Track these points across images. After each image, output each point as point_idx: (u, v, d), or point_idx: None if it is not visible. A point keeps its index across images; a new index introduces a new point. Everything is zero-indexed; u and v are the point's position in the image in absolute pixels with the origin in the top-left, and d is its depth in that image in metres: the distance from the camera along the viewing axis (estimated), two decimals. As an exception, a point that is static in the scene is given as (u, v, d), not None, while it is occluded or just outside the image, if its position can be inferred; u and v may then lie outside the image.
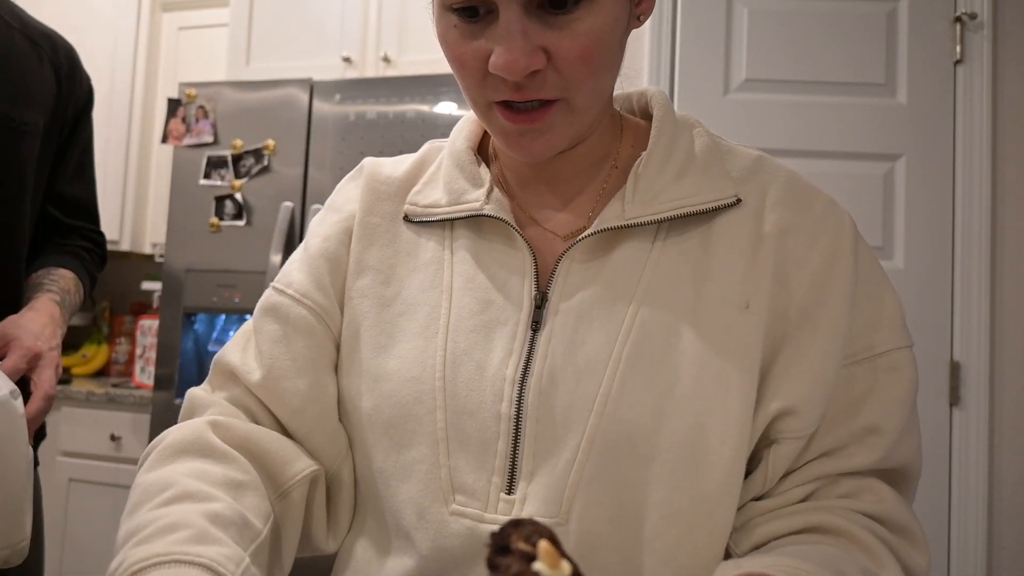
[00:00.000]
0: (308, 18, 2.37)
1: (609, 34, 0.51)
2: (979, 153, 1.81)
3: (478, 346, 0.55)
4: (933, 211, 1.83)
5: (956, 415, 1.78)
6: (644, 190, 0.55)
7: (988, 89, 1.81)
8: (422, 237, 0.61)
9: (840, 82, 1.88)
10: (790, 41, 1.91)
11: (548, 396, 0.53)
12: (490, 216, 0.57)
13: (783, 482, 0.55)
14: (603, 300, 0.55)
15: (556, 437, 0.52)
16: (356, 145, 2.01)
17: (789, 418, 0.53)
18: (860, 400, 0.55)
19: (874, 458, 0.54)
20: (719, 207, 0.56)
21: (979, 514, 1.74)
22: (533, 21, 0.49)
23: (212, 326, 2.20)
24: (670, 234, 0.56)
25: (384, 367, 0.57)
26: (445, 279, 0.58)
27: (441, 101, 1.95)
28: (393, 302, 0.59)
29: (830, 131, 1.88)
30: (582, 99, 0.53)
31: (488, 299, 0.56)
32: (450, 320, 0.57)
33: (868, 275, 0.57)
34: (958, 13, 1.84)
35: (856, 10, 1.89)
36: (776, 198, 0.57)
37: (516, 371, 0.54)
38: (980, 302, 1.78)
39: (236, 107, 2.13)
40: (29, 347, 0.89)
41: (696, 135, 0.60)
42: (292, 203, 2.03)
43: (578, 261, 0.56)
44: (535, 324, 0.55)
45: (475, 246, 0.59)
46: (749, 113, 1.89)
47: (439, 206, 0.60)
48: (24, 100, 0.98)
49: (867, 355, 0.55)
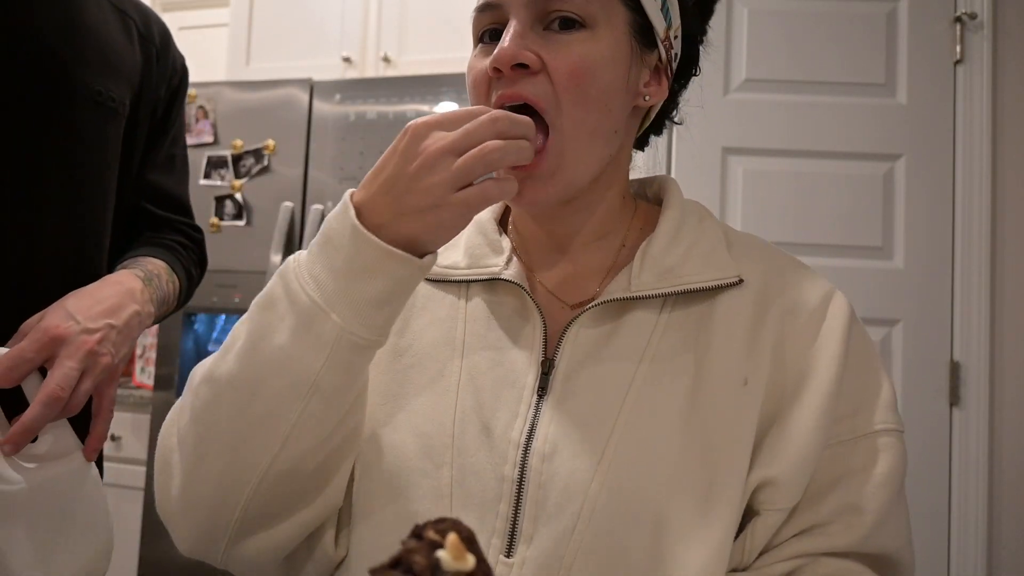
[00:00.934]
0: (308, 18, 2.37)
1: (603, 67, 0.55)
2: (979, 153, 1.81)
3: (487, 406, 0.57)
4: (933, 211, 1.83)
5: (956, 415, 1.78)
6: (650, 267, 0.59)
7: (988, 89, 1.81)
8: (438, 293, 0.63)
9: (840, 82, 1.88)
10: (790, 41, 1.91)
11: (550, 462, 0.54)
12: (507, 280, 0.60)
13: (764, 557, 0.55)
14: (608, 369, 0.57)
15: (556, 503, 0.53)
16: (356, 145, 2.01)
17: (771, 489, 0.54)
18: (843, 479, 0.56)
19: (854, 538, 0.55)
20: (722, 285, 0.58)
21: (979, 514, 1.74)
22: (536, 34, 0.55)
23: (212, 326, 2.20)
24: (675, 308, 0.59)
25: (393, 417, 0.59)
26: (458, 336, 0.60)
27: (441, 101, 1.95)
28: (405, 353, 0.61)
29: (830, 131, 1.88)
30: (570, 126, 0.55)
31: (498, 360, 0.59)
32: (461, 379, 0.58)
33: (862, 360, 0.59)
34: (958, 13, 1.84)
35: (856, 10, 1.89)
36: (778, 282, 0.60)
37: (521, 435, 0.55)
38: (980, 302, 1.78)
39: (236, 107, 2.13)
40: (46, 329, 0.67)
41: (703, 219, 0.64)
42: (292, 203, 2.03)
43: (586, 327, 0.58)
44: (541, 390, 0.57)
45: (488, 307, 0.61)
46: (749, 113, 1.89)
47: (458, 268, 0.63)
48: (112, 74, 0.86)
49: (852, 436, 0.57)
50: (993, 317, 1.78)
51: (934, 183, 1.84)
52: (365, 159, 2.00)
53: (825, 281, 0.62)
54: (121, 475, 2.24)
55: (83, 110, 0.83)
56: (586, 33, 0.55)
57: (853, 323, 0.59)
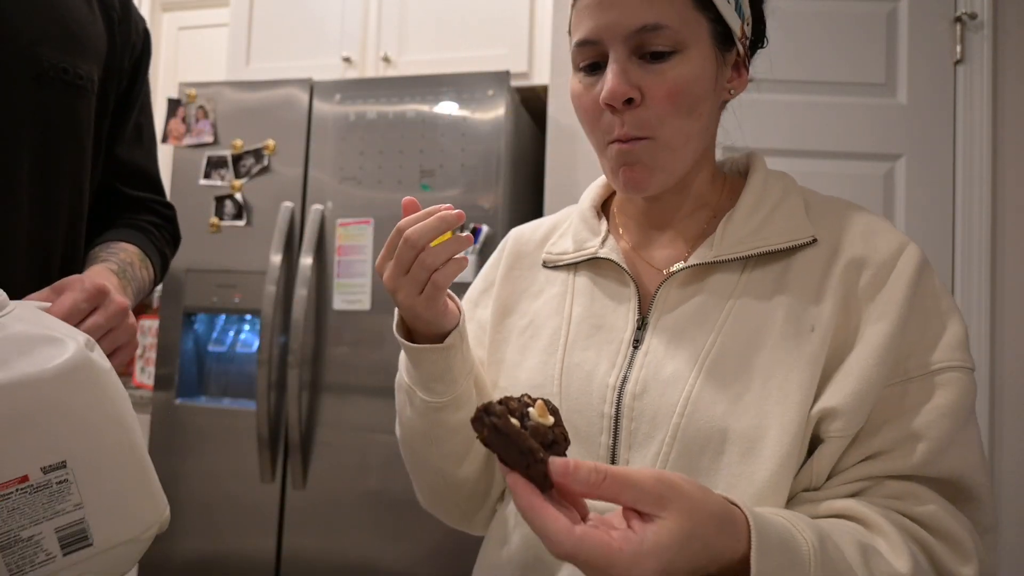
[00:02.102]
0: (308, 18, 2.37)
1: (694, 83, 0.64)
2: (979, 153, 1.81)
3: (589, 360, 0.69)
4: (933, 211, 1.83)
5: (956, 415, 1.78)
6: (731, 233, 0.68)
7: (988, 89, 1.81)
8: (553, 275, 0.78)
9: (840, 82, 1.88)
10: (790, 41, 1.91)
11: (641, 400, 0.65)
12: (604, 258, 0.73)
13: (831, 480, 0.62)
14: (693, 321, 0.66)
15: (647, 434, 0.64)
16: (356, 145, 2.01)
17: (833, 418, 0.60)
18: (908, 411, 0.60)
19: (915, 462, 0.59)
20: (796, 246, 0.66)
21: (979, 514, 1.73)
22: (634, 66, 0.64)
23: (212, 326, 2.20)
24: (755, 269, 0.67)
25: (517, 377, 0.74)
26: (566, 309, 0.74)
27: (441, 101, 1.95)
28: (528, 328, 0.76)
29: (830, 131, 1.88)
30: (669, 135, 0.65)
31: (599, 324, 0.71)
32: (567, 341, 0.72)
33: (931, 302, 0.64)
34: (958, 13, 1.84)
35: (856, 10, 1.89)
36: (851, 238, 0.66)
37: (617, 380, 0.67)
38: (980, 302, 1.78)
39: (236, 107, 2.13)
40: (95, 283, 0.70)
41: (786, 188, 0.71)
42: (292, 203, 2.03)
43: (675, 289, 0.69)
44: (635, 343, 0.68)
45: (592, 283, 0.74)
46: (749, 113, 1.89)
47: (567, 253, 0.77)
48: (78, 49, 0.83)
49: (920, 373, 0.61)
50: (993, 317, 1.78)
51: (934, 183, 1.84)
52: (365, 159, 2.00)
53: (900, 235, 0.66)
54: (121, 475, 2.24)
55: (50, 90, 0.80)
56: (677, 58, 0.64)
57: (923, 270, 0.64)
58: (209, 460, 2.03)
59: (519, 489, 0.45)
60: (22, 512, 0.55)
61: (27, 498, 0.55)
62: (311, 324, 1.98)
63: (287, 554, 1.95)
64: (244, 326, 2.20)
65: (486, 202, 1.90)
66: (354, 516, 1.91)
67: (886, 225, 0.68)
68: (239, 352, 2.17)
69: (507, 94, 1.91)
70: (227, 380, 2.16)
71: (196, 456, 2.04)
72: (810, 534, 0.51)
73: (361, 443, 1.92)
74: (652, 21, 0.62)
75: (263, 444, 1.96)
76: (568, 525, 0.44)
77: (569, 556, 0.44)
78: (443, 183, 1.94)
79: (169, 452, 2.05)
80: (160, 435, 2.07)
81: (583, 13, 0.66)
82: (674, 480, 0.47)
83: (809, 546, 0.50)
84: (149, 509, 0.63)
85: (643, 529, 0.45)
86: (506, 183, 1.91)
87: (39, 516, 0.56)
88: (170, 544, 2.03)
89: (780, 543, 0.49)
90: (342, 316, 1.97)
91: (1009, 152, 1.81)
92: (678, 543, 0.44)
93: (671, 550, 0.44)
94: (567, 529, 0.44)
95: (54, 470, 0.56)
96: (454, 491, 0.78)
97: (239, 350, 2.17)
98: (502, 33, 2.17)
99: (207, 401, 2.11)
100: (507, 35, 2.17)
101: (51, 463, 0.56)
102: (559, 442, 0.48)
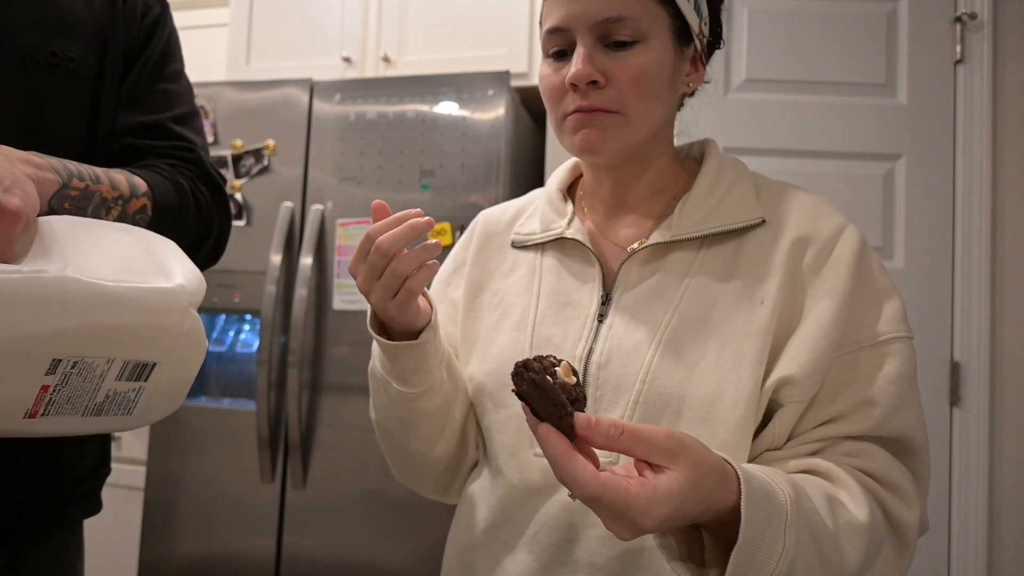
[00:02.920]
0: (308, 18, 2.37)
1: (656, 70, 0.70)
2: (979, 153, 1.81)
3: (557, 335, 0.74)
4: (933, 211, 1.83)
5: (956, 415, 1.78)
6: (688, 215, 0.73)
7: (988, 89, 1.81)
8: (523, 255, 0.82)
9: (840, 82, 1.88)
10: (790, 41, 1.91)
11: (605, 369, 0.70)
12: (570, 238, 0.77)
13: (792, 441, 0.68)
14: (653, 297, 0.71)
15: (611, 400, 0.69)
16: (356, 145, 2.01)
17: (790, 386, 0.66)
18: (860, 379, 0.67)
19: (869, 424, 0.66)
20: (747, 226, 0.72)
21: (979, 514, 1.74)
22: (599, 52, 0.69)
23: (212, 326, 2.20)
24: (710, 248, 0.73)
25: (490, 352, 0.78)
26: (535, 286, 0.78)
27: (441, 101, 1.95)
28: (499, 306, 0.80)
29: (830, 131, 1.88)
30: (635, 114, 0.70)
31: (566, 301, 0.76)
32: (536, 317, 0.76)
33: (874, 280, 0.70)
34: (958, 13, 1.84)
35: (856, 10, 1.89)
36: (797, 218, 0.72)
37: (583, 351, 0.72)
38: (980, 302, 1.78)
39: (236, 107, 2.12)
40: None
41: (738, 172, 0.77)
42: (292, 203, 2.03)
43: (636, 266, 0.74)
44: (600, 317, 0.73)
45: (559, 263, 0.79)
46: (749, 113, 1.89)
47: (535, 233, 0.82)
48: (68, 32, 0.81)
49: (859, 346, 0.67)
50: (993, 317, 1.78)
51: (934, 183, 1.84)
52: (365, 159, 2.00)
53: (840, 216, 0.73)
54: (121, 475, 2.24)
55: (37, 74, 0.78)
56: (639, 47, 0.69)
57: (863, 249, 0.70)
58: (209, 460, 2.03)
59: (551, 438, 0.51)
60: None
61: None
62: (311, 324, 1.98)
63: (287, 554, 1.95)
64: (244, 326, 2.20)
65: (486, 202, 1.90)
66: (354, 516, 1.91)
67: (828, 207, 0.74)
68: (239, 352, 2.17)
69: (507, 94, 1.91)
70: (227, 380, 2.16)
71: (196, 456, 2.04)
72: (787, 487, 0.57)
73: (361, 443, 1.92)
74: (616, 14, 0.68)
75: (263, 444, 1.96)
76: (594, 471, 0.49)
77: (593, 498, 0.49)
78: (443, 183, 1.94)
79: (169, 452, 2.05)
80: (160, 435, 2.07)
81: (553, 3, 0.72)
82: (682, 437, 0.52)
83: (786, 497, 0.56)
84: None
85: (655, 478, 0.50)
86: (506, 183, 1.91)
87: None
88: (170, 544, 2.03)
89: (763, 495, 0.55)
90: (342, 316, 1.97)
91: (1009, 152, 1.81)
92: (685, 491, 0.50)
93: (679, 497, 0.50)
94: (593, 474, 0.49)
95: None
96: (430, 468, 0.82)
97: (239, 350, 2.17)
98: (502, 33, 2.17)
99: (207, 401, 2.11)
100: (507, 35, 2.17)
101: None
102: (580, 400, 0.53)
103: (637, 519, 0.49)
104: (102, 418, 0.68)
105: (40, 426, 0.64)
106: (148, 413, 0.72)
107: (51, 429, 0.65)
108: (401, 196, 1.96)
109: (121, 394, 0.68)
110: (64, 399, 0.64)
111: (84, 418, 0.66)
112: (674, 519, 0.50)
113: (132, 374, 0.67)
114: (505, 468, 0.75)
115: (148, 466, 2.08)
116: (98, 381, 0.65)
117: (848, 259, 0.69)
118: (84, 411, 0.66)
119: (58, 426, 0.65)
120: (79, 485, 0.86)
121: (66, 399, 0.64)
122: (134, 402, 0.69)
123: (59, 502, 0.84)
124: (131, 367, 0.67)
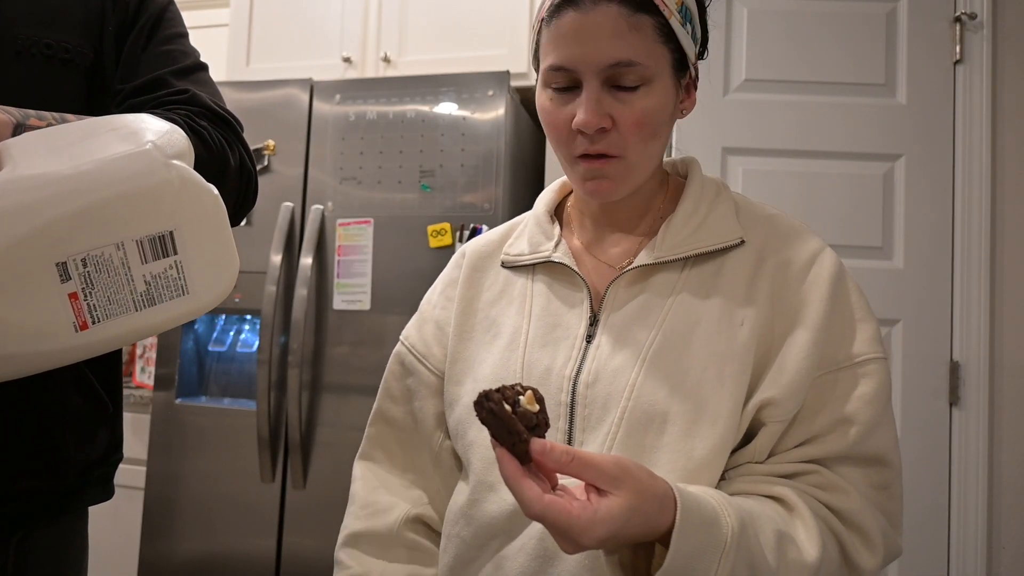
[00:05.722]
0: (308, 18, 2.37)
1: (659, 112, 0.71)
2: (979, 153, 1.81)
3: (547, 356, 0.75)
4: (933, 211, 1.83)
5: (956, 415, 1.78)
6: (671, 237, 0.75)
7: (988, 89, 1.81)
8: (514, 277, 0.83)
9: (840, 82, 1.89)
10: (790, 41, 1.91)
11: (593, 389, 0.72)
12: (557, 262, 0.79)
13: (774, 457, 0.70)
14: (639, 316, 0.73)
15: (598, 418, 0.71)
16: (356, 145, 2.01)
17: (772, 406, 0.68)
18: (832, 401, 0.69)
19: (846, 444, 0.68)
20: (727, 247, 0.74)
21: (979, 514, 1.74)
22: (606, 95, 0.69)
23: (212, 326, 2.20)
24: (693, 268, 0.75)
25: (481, 372, 0.79)
26: (527, 308, 0.80)
27: (441, 101, 1.95)
28: (491, 328, 0.81)
29: (830, 131, 1.88)
30: (635, 157, 0.72)
31: (555, 323, 0.77)
32: (527, 339, 0.77)
33: (846, 304, 0.72)
34: (958, 13, 1.84)
35: (856, 10, 1.89)
36: (776, 242, 0.75)
37: (572, 371, 0.73)
38: (980, 302, 1.78)
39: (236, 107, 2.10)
40: None
41: (719, 193, 0.79)
42: (292, 203, 2.03)
43: (622, 288, 0.75)
44: (588, 337, 0.75)
45: (548, 287, 0.80)
46: (749, 113, 1.89)
47: (524, 254, 0.83)
48: (62, 22, 0.81)
49: (837, 367, 0.70)
50: (993, 317, 1.78)
51: (934, 183, 1.84)
52: (365, 159, 2.01)
53: (818, 240, 0.75)
54: (121, 475, 2.24)
55: (31, 65, 0.78)
56: (644, 90, 0.70)
57: (839, 273, 0.73)
58: (209, 460, 2.03)
59: (504, 461, 0.55)
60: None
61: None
62: (311, 324, 1.98)
63: (287, 554, 1.95)
64: (244, 326, 2.20)
65: (486, 202, 1.90)
66: (354, 516, 1.91)
67: (806, 231, 0.76)
68: (239, 352, 2.17)
69: (507, 94, 1.91)
70: (227, 380, 2.16)
71: (196, 456, 2.04)
72: (734, 519, 0.59)
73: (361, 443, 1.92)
74: (625, 58, 0.68)
75: (263, 444, 1.96)
76: (539, 493, 0.54)
77: (537, 517, 0.54)
78: (443, 183, 1.94)
79: (169, 452, 2.05)
80: (160, 435, 2.07)
81: (558, 40, 0.70)
82: (628, 465, 0.56)
83: (729, 528, 0.59)
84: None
85: (598, 502, 0.54)
86: (506, 183, 1.91)
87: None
88: (170, 544, 2.04)
89: (702, 524, 0.57)
90: (342, 316, 1.98)
91: (1009, 152, 1.81)
92: (624, 516, 0.54)
93: (620, 520, 0.54)
94: (538, 496, 0.53)
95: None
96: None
97: (239, 350, 2.17)
98: (502, 33, 2.18)
99: (207, 401, 2.11)
100: (507, 35, 2.17)
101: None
102: (541, 426, 0.57)
103: (577, 537, 0.53)
104: (162, 306, 0.65)
105: (102, 333, 0.62)
106: (210, 286, 0.69)
107: (117, 333, 0.63)
108: (401, 196, 1.96)
109: (161, 275, 0.64)
110: (104, 300, 0.61)
111: (142, 312, 0.64)
112: (615, 539, 0.54)
113: (155, 250, 0.64)
114: (498, 485, 0.76)
115: (148, 466, 2.08)
116: (124, 270, 0.62)
117: (825, 282, 0.71)
118: (135, 305, 0.63)
119: (122, 328, 0.63)
120: (91, 470, 0.86)
121: (106, 300, 0.61)
122: (182, 278, 0.66)
123: (67, 488, 0.84)
124: (148, 243, 0.63)
